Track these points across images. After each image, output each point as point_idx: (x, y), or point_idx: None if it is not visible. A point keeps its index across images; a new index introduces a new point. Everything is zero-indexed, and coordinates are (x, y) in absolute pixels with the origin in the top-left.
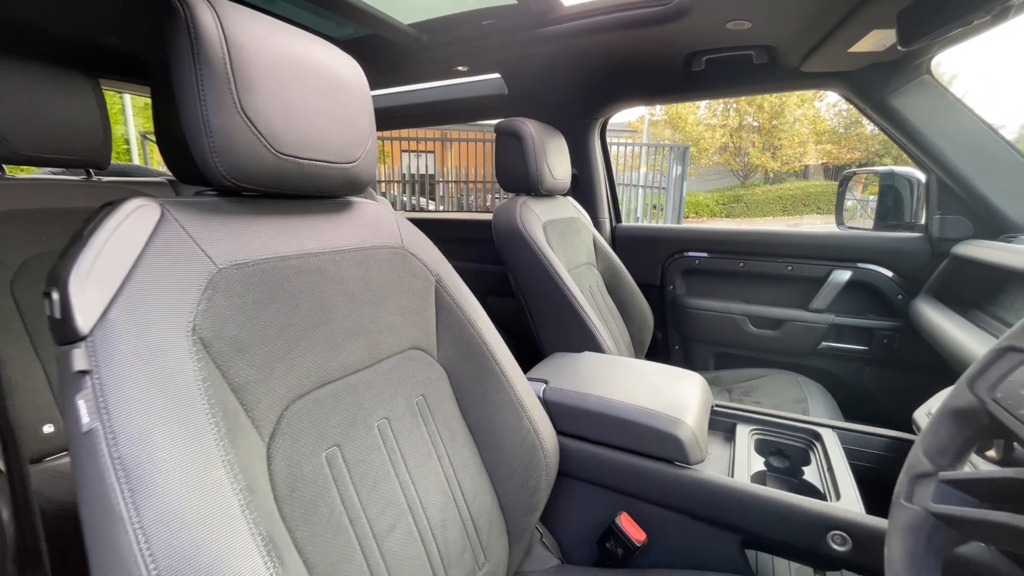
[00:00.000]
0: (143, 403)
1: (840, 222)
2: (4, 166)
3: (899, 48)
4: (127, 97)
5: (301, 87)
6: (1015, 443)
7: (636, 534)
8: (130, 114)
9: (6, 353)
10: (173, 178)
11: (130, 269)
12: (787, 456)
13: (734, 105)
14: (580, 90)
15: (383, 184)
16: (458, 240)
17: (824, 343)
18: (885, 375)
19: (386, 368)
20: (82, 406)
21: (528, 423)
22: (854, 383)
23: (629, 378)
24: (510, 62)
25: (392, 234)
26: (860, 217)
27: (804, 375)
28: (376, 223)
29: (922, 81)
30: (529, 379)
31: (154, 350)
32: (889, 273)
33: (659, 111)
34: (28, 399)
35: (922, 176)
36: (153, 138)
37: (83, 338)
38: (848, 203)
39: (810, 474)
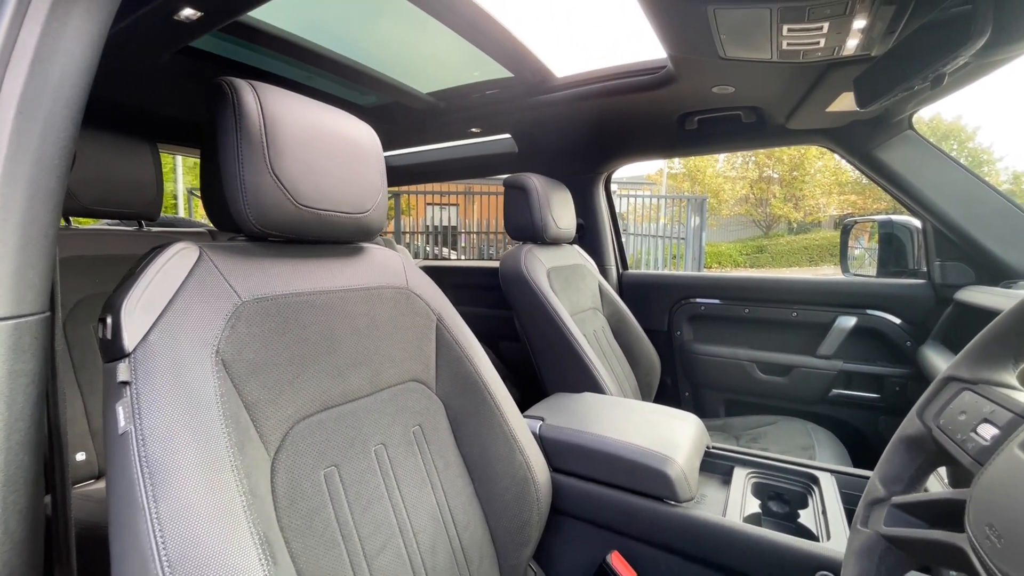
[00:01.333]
0: (169, 411)
1: (845, 270)
2: (71, 218)
3: (859, 109)
4: (179, 158)
5: (323, 150)
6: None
7: (627, 573)
8: (180, 173)
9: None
10: (212, 228)
11: (170, 299)
12: (786, 500)
13: (753, 158)
14: (583, 147)
15: (407, 235)
16: (471, 286)
17: (834, 390)
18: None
19: (385, 397)
20: (120, 412)
21: (521, 457)
22: (869, 431)
23: (624, 417)
24: (518, 124)
25: (398, 276)
26: (868, 265)
27: (815, 423)
28: (384, 266)
29: (905, 136)
30: (527, 416)
31: (183, 367)
32: (896, 320)
33: (677, 164)
34: (67, 428)
35: (919, 223)
36: (198, 193)
37: (127, 355)
38: (856, 251)
39: (806, 518)
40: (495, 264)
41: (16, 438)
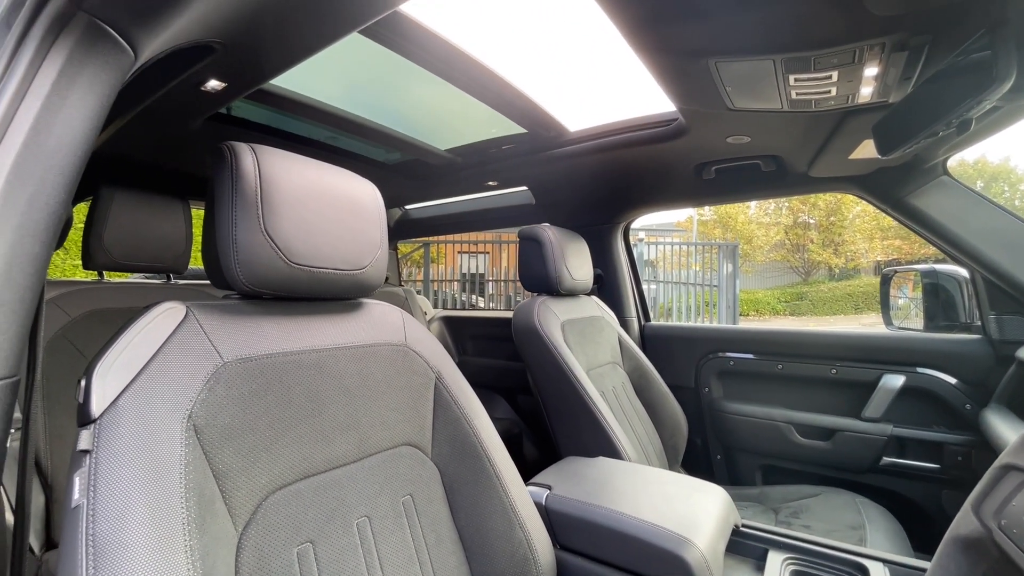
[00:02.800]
0: (126, 484)
1: (888, 322)
2: (104, 272)
3: (881, 157)
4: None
5: (319, 209)
6: None
7: None
8: (191, 228)
9: (69, 435)
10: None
11: (148, 361)
12: None
13: (786, 203)
14: (600, 198)
15: (435, 283)
16: (490, 337)
17: (886, 458)
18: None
19: (374, 463)
20: (76, 483)
21: (521, 532)
22: (931, 508)
23: (640, 488)
24: (533, 177)
25: (396, 332)
26: (915, 316)
27: (865, 496)
28: (381, 322)
29: (940, 182)
30: (534, 484)
31: (149, 434)
32: (952, 380)
33: (708, 211)
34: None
35: (966, 273)
36: None
37: (93, 421)
38: (900, 301)
39: None
40: (504, 314)
41: None
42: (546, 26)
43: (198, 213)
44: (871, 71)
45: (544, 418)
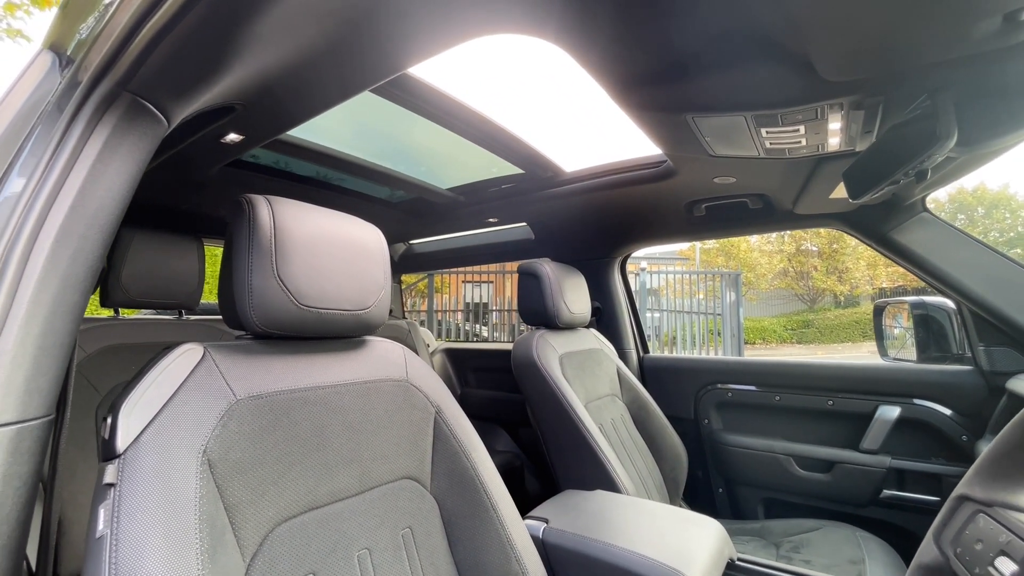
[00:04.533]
0: (147, 515)
1: (883, 353)
2: (119, 309)
3: (851, 201)
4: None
5: (328, 254)
6: None
7: None
8: (204, 265)
9: (80, 468)
10: None
11: (167, 400)
12: None
13: (788, 231)
14: (597, 233)
15: (439, 313)
16: (491, 369)
17: (886, 491)
18: None
19: (374, 497)
20: (101, 515)
21: (517, 566)
22: None
23: (636, 521)
24: (532, 214)
25: (397, 368)
26: (910, 345)
27: (866, 529)
28: (384, 359)
29: (921, 218)
30: (531, 517)
31: (167, 469)
32: (947, 411)
33: (710, 240)
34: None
35: (953, 305)
36: None
37: (118, 456)
38: (895, 331)
39: None
40: (503, 347)
41: (12, 545)
42: (541, 75)
43: (210, 250)
44: (835, 125)
45: (543, 451)
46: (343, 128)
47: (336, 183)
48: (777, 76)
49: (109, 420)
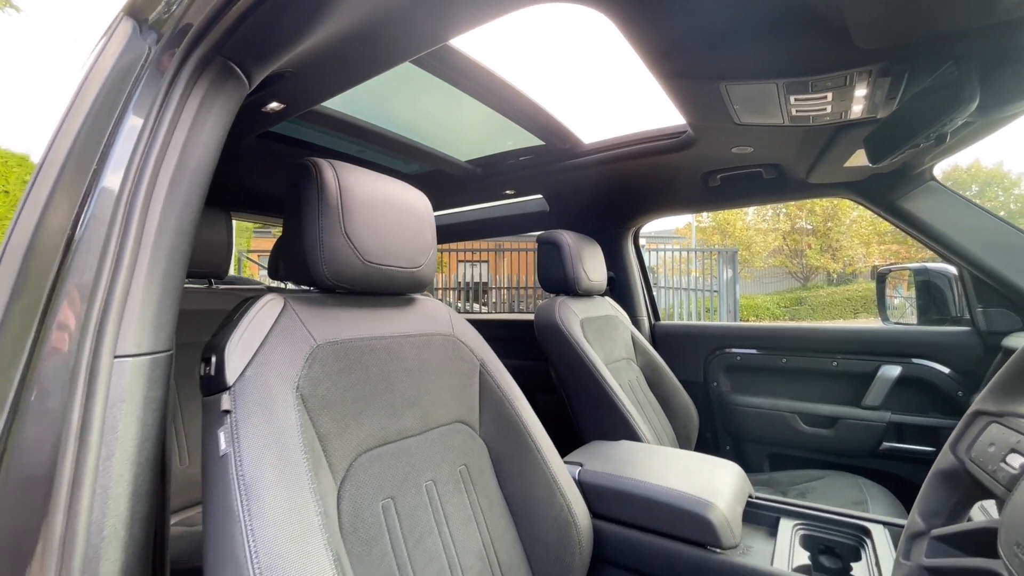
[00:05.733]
0: (261, 437)
1: (885, 319)
2: None
3: (871, 165)
4: (233, 223)
5: (385, 215)
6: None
7: None
8: (232, 237)
9: None
10: (268, 286)
11: (261, 342)
12: (837, 555)
13: (783, 209)
14: (612, 205)
15: (439, 291)
16: (504, 339)
17: (886, 443)
18: None
19: (434, 436)
20: (222, 437)
21: (562, 499)
22: None
23: (663, 464)
24: (549, 186)
25: (445, 324)
26: (909, 314)
27: (867, 478)
28: (432, 315)
29: (929, 187)
30: (565, 463)
31: (271, 400)
32: (945, 369)
33: (707, 218)
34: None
35: (955, 271)
36: (248, 257)
37: (228, 388)
38: (895, 300)
39: (859, 571)
40: (527, 316)
41: (144, 455)
42: (565, 45)
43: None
44: (861, 92)
45: (567, 411)
46: (365, 97)
47: (358, 155)
48: (811, 43)
49: (214, 359)
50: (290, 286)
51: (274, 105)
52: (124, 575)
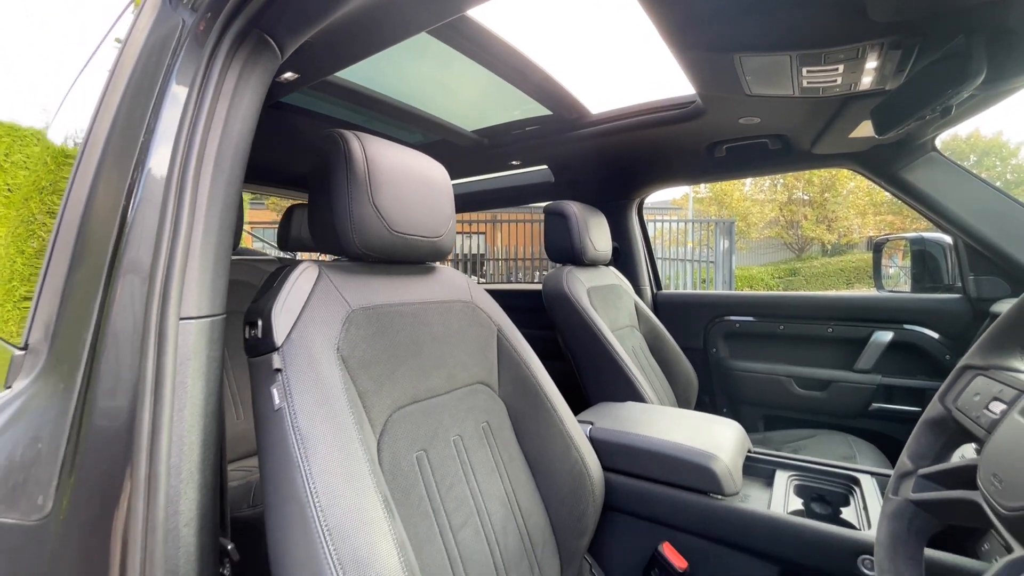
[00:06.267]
0: (310, 393)
1: (880, 287)
2: None
3: (877, 137)
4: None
5: (409, 186)
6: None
7: (679, 562)
8: (243, 209)
9: None
10: (277, 257)
11: (302, 307)
12: (828, 502)
13: (781, 180)
14: (617, 176)
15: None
16: (511, 308)
17: (875, 404)
18: None
19: (459, 396)
20: (275, 393)
21: (576, 453)
22: None
23: (668, 422)
24: (555, 156)
25: (464, 292)
26: (903, 283)
27: (856, 436)
28: (452, 283)
29: (930, 158)
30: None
31: (316, 360)
32: (935, 334)
33: (704, 189)
34: None
35: (950, 240)
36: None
37: (277, 349)
38: (891, 270)
39: (848, 514)
40: (535, 287)
41: (210, 408)
42: (577, 14)
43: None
44: (871, 64)
45: (574, 377)
46: (367, 65)
47: (363, 125)
48: (827, 16)
49: (260, 323)
50: (300, 256)
51: (288, 75)
52: (199, 512)
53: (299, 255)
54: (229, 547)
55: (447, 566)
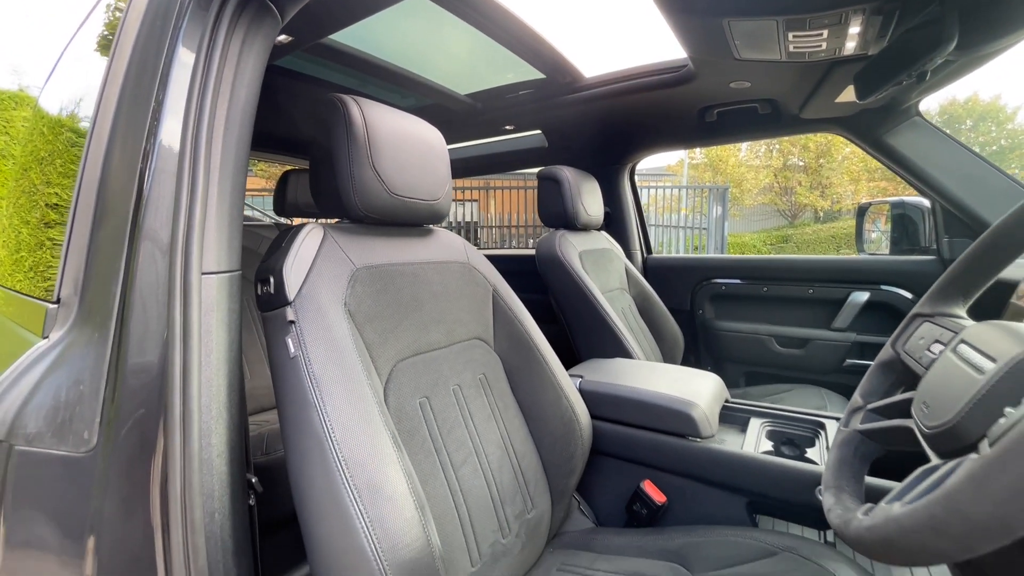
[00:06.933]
0: (322, 343)
1: (861, 249)
2: None
3: (859, 102)
4: None
5: (407, 150)
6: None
7: (658, 496)
8: None
9: None
10: (274, 223)
11: (310, 265)
12: (796, 445)
13: (777, 145)
14: (609, 140)
15: None
16: (506, 272)
17: (849, 360)
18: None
19: (457, 349)
20: (290, 343)
21: (566, 402)
22: None
23: (653, 375)
24: (548, 121)
25: (460, 253)
26: (884, 247)
27: (830, 390)
28: (449, 245)
29: (913, 122)
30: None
31: (325, 313)
32: (908, 294)
33: (699, 154)
34: None
35: (928, 204)
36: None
37: (290, 303)
38: (873, 235)
39: (811, 453)
40: (525, 251)
41: (232, 355)
42: None
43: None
44: (854, 30)
45: (566, 337)
46: (360, 27)
47: (357, 88)
48: None
49: (272, 279)
50: (297, 222)
51: (282, 38)
52: (228, 446)
53: (296, 220)
54: (253, 480)
55: (448, 497)
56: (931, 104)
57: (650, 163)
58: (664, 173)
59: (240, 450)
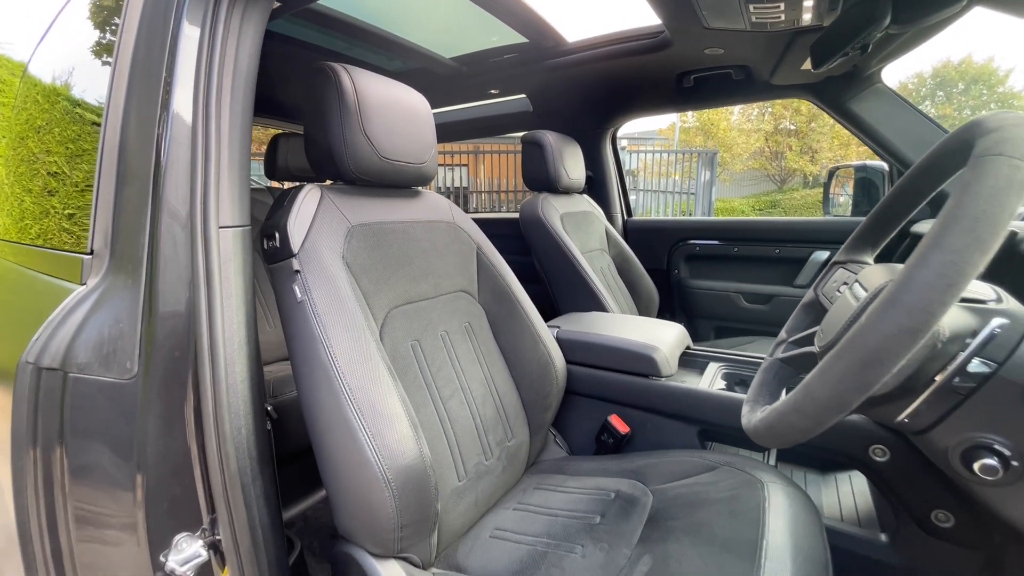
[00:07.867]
0: (325, 290)
1: (827, 212)
2: None
3: (814, 71)
4: None
5: (395, 115)
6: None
7: (622, 428)
8: None
9: None
10: (266, 187)
11: (311, 222)
12: (747, 385)
13: (769, 109)
14: (591, 105)
15: None
16: (491, 236)
17: None
18: None
19: (444, 300)
20: (296, 289)
21: (543, 347)
22: None
23: (623, 325)
24: (533, 85)
25: (446, 214)
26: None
27: None
28: (436, 206)
29: (875, 89)
30: (547, 326)
31: (326, 264)
32: None
33: (691, 118)
34: None
35: (886, 167)
36: None
37: (295, 254)
38: (841, 199)
39: None
40: (510, 215)
41: (247, 298)
42: None
43: None
44: (808, 2)
45: (547, 295)
46: None
47: (344, 52)
48: None
49: (277, 235)
50: (287, 185)
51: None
52: (249, 374)
53: (287, 184)
54: (269, 408)
55: (438, 423)
56: (924, 66)
57: (642, 126)
58: (655, 137)
59: (258, 378)
